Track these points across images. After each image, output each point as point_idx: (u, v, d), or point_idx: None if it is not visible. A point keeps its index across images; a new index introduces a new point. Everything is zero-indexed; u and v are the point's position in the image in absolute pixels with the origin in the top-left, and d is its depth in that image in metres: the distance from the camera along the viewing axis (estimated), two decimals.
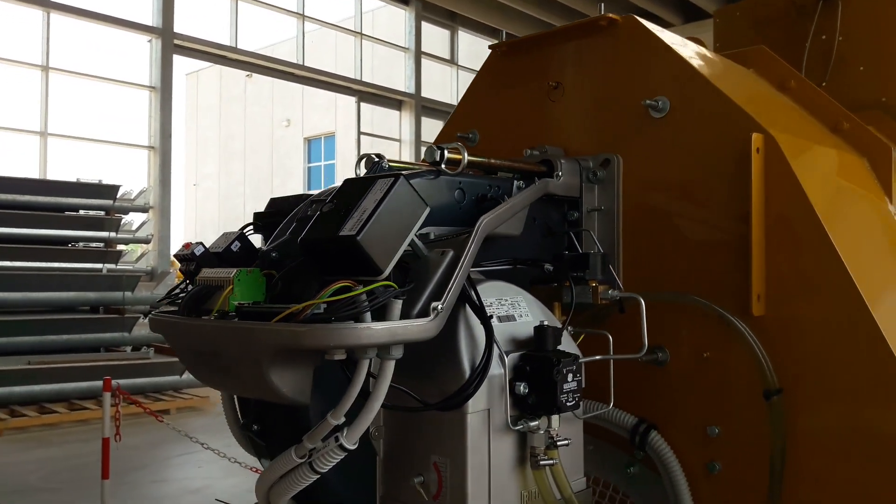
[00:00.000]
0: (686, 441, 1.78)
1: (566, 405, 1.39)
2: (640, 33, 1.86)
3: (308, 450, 1.28)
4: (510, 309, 1.50)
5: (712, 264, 1.75)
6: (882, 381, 1.53)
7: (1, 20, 12.63)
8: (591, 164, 1.88)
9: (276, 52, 16.69)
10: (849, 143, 2.16)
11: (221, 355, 1.28)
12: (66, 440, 7.47)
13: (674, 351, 1.80)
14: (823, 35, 3.40)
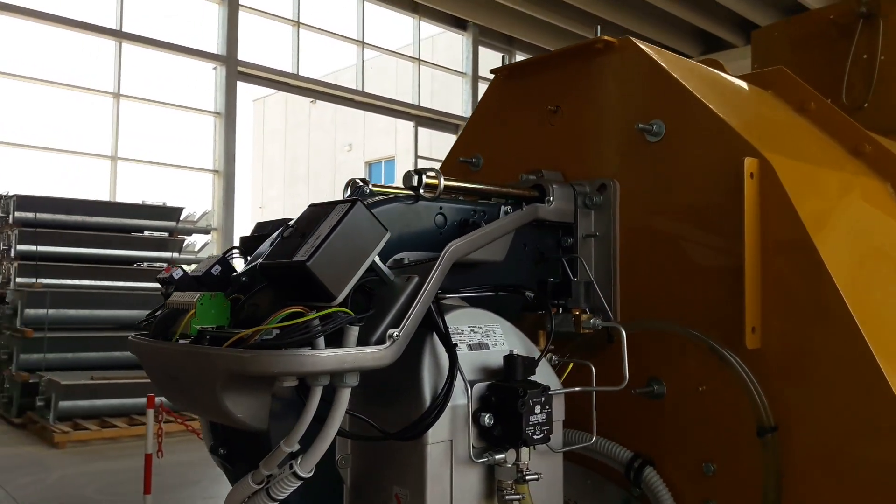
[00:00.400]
0: (681, 478, 1.71)
1: (533, 438, 1.34)
2: (635, 55, 1.82)
3: (265, 476, 1.28)
4: (483, 337, 1.47)
5: (710, 293, 1.68)
6: (880, 418, 1.44)
7: (76, 50, 13.29)
8: (588, 189, 1.84)
9: (339, 79, 17.06)
10: (871, 166, 2.05)
11: (181, 378, 1.30)
12: (123, 454, 7.69)
13: (670, 384, 1.73)
14: (864, 54, 3.28)
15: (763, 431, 1.55)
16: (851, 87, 3.29)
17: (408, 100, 17.25)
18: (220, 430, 1.49)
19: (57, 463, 7.02)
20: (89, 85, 13.43)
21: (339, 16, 16.89)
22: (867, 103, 3.25)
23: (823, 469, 1.52)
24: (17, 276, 9.27)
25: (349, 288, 1.22)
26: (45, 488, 6.41)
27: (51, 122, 13.14)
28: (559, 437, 1.50)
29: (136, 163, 13.81)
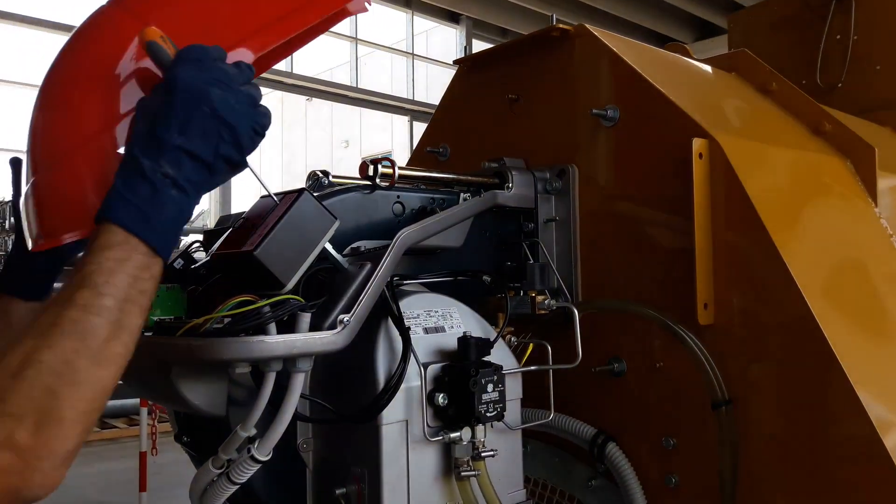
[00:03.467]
0: (643, 453, 1.74)
1: (486, 416, 1.38)
2: (590, 42, 1.85)
3: (224, 461, 1.31)
4: (440, 320, 1.50)
5: (668, 273, 1.72)
6: (827, 393, 1.47)
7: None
8: (548, 175, 1.88)
9: (334, 76, 17.09)
10: (832, 144, 2.08)
11: (141, 369, 1.33)
12: (123, 454, 7.78)
13: (629, 361, 1.77)
14: (838, 35, 3.30)
15: (717, 405, 1.59)
16: (826, 68, 3.32)
17: (403, 95, 17.28)
18: (184, 418, 1.53)
19: None
20: None
21: None
22: (841, 83, 3.28)
23: (776, 442, 1.56)
24: None
25: (298, 275, 1.25)
26: None
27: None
28: (516, 415, 1.54)
29: None
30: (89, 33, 1.17)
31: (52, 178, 1.08)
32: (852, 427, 1.46)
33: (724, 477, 1.59)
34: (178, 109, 1.00)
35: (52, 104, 1.12)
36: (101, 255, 0.96)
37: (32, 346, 0.91)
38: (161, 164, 0.99)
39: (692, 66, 2.17)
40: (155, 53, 1.03)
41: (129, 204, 0.97)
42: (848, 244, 1.84)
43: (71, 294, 0.94)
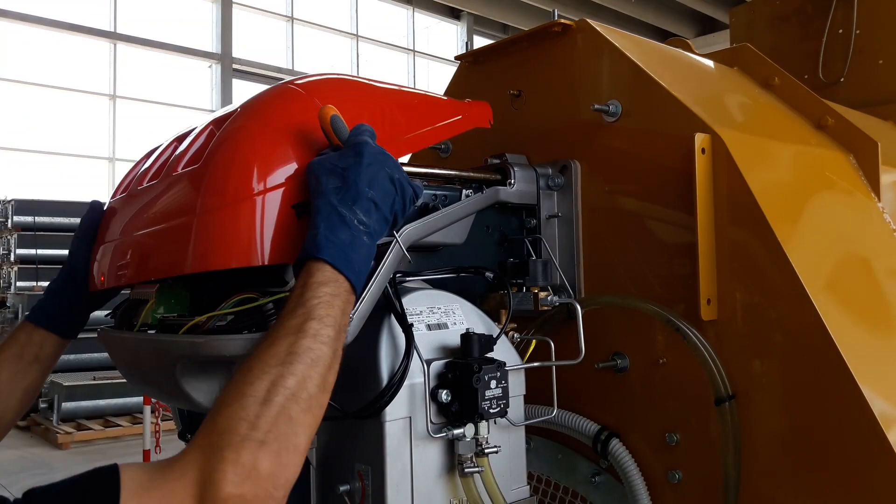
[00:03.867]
0: (647, 449, 1.74)
1: (489, 412, 1.38)
2: (591, 37, 1.84)
3: None
4: (443, 317, 1.50)
5: (672, 269, 1.71)
6: (830, 382, 1.47)
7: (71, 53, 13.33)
8: (550, 171, 1.87)
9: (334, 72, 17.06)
10: (834, 139, 2.08)
11: (143, 366, 1.34)
12: (127, 452, 7.80)
13: (632, 357, 1.77)
14: (840, 29, 3.30)
15: (720, 400, 1.58)
16: (828, 63, 3.31)
17: None
18: (188, 416, 1.53)
19: (61, 464, 7.12)
20: (85, 87, 13.48)
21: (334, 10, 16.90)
22: (844, 77, 3.27)
23: (779, 438, 1.56)
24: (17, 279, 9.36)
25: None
26: None
27: (47, 125, 13.19)
28: (520, 412, 1.54)
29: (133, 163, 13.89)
30: (278, 101, 1.35)
31: (236, 212, 1.18)
32: (855, 422, 1.46)
33: (728, 472, 1.59)
34: (367, 169, 1.16)
35: (239, 152, 1.23)
36: (320, 289, 1.07)
37: (278, 373, 0.97)
38: (356, 213, 1.13)
39: (694, 61, 2.16)
40: (337, 124, 1.21)
41: (335, 246, 1.10)
42: (851, 239, 1.84)
43: (301, 324, 1.03)
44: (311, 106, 1.31)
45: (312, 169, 1.18)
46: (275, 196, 1.19)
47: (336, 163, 1.17)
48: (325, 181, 1.15)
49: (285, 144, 1.24)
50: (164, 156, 1.42)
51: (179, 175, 1.29)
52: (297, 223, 1.21)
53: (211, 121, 1.36)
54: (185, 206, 1.23)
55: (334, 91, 1.43)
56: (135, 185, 1.44)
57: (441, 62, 17.35)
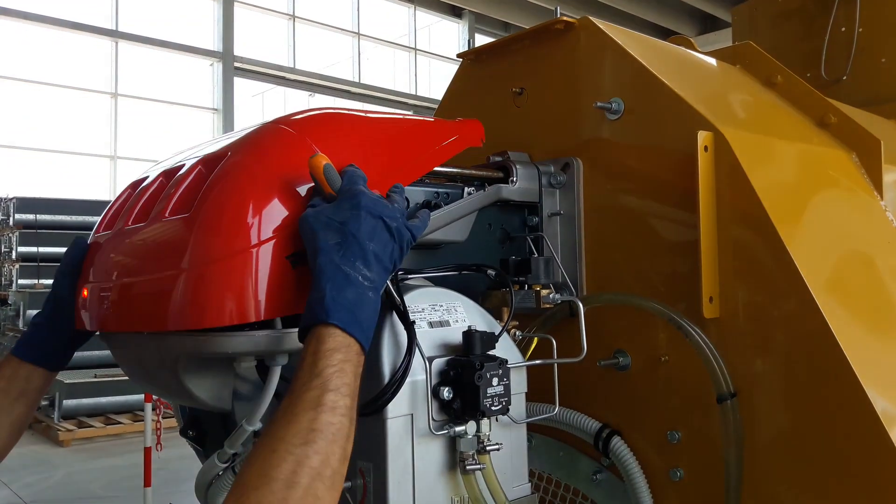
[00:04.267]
0: (649, 447, 1.74)
1: (491, 409, 1.38)
2: (594, 35, 1.84)
3: (230, 455, 1.32)
4: (444, 314, 1.50)
5: (674, 266, 1.71)
6: (832, 380, 1.47)
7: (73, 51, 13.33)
8: (552, 169, 1.87)
9: (337, 71, 17.07)
10: (836, 137, 2.08)
11: (146, 364, 1.34)
12: (128, 450, 7.81)
13: (634, 355, 1.77)
14: (843, 27, 3.29)
15: (722, 398, 1.58)
16: (831, 61, 3.31)
17: (405, 89, 17.25)
18: (189, 412, 1.54)
19: (62, 461, 7.12)
20: (87, 85, 13.48)
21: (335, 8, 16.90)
22: (846, 76, 3.27)
23: (782, 436, 1.56)
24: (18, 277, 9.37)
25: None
26: (50, 486, 6.51)
27: (49, 123, 13.20)
28: (521, 409, 1.54)
29: (134, 161, 13.89)
30: (270, 144, 1.31)
31: (229, 267, 1.15)
32: (857, 420, 1.45)
33: (730, 470, 1.59)
34: (365, 222, 1.14)
35: (231, 203, 1.20)
36: (333, 357, 1.05)
37: (302, 453, 0.97)
38: (360, 269, 1.12)
39: (697, 59, 2.16)
40: (329, 174, 1.19)
41: (343, 308, 1.08)
42: (853, 237, 1.83)
43: (318, 397, 1.02)
44: (304, 146, 1.28)
45: (308, 223, 1.15)
46: (269, 248, 1.16)
47: (333, 216, 1.14)
48: (323, 237, 1.13)
49: (279, 192, 1.21)
50: (150, 191, 1.38)
51: (168, 222, 1.25)
52: (292, 274, 1.18)
53: (200, 159, 1.32)
54: (174, 257, 1.18)
55: (326, 128, 1.39)
56: (121, 223, 1.39)
57: (442, 60, 17.34)
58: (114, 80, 13.58)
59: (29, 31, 12.72)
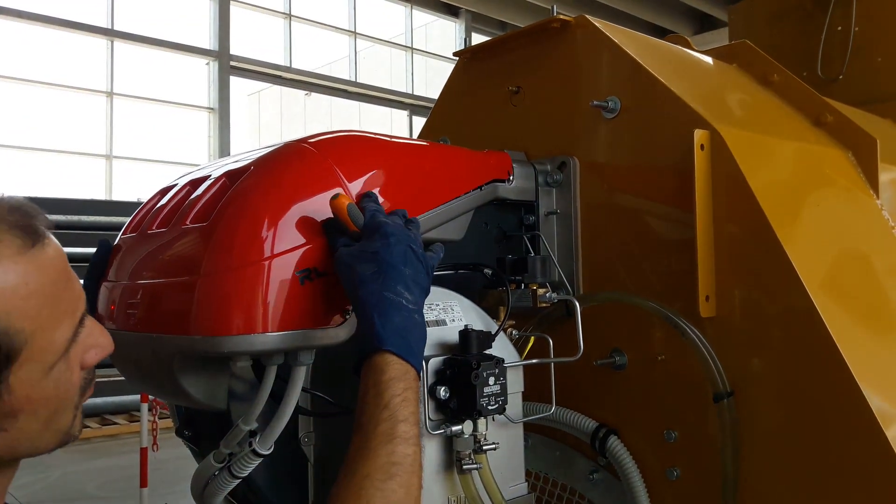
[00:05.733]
0: (645, 446, 1.74)
1: (487, 409, 1.38)
2: (591, 33, 1.84)
3: (226, 455, 1.31)
4: (441, 314, 1.50)
5: (671, 265, 1.71)
6: (829, 379, 1.47)
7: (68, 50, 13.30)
8: (549, 168, 1.87)
9: (333, 70, 17.04)
10: (833, 136, 2.08)
11: (141, 364, 1.33)
12: (124, 450, 7.79)
13: (631, 354, 1.76)
14: (839, 26, 3.29)
15: (719, 397, 1.58)
16: (827, 60, 3.31)
17: (402, 89, 17.24)
18: (185, 412, 1.53)
19: (58, 461, 7.10)
20: (82, 84, 13.44)
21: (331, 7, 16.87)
22: (842, 75, 3.27)
23: (778, 434, 1.56)
24: None
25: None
26: (46, 486, 6.49)
27: (44, 122, 13.16)
28: (518, 409, 1.54)
29: (131, 161, 13.85)
30: (291, 162, 1.34)
31: (241, 277, 1.17)
32: (854, 419, 1.45)
33: (726, 469, 1.59)
34: (396, 248, 1.17)
35: (248, 215, 1.22)
36: (396, 386, 1.08)
37: (388, 488, 1.00)
38: (401, 293, 1.14)
39: (693, 58, 2.16)
40: (353, 212, 1.22)
41: (395, 334, 1.11)
42: (850, 236, 1.83)
43: (391, 429, 1.05)
44: (325, 166, 1.32)
45: (343, 260, 1.19)
46: (282, 261, 1.19)
47: (364, 249, 1.18)
48: (360, 269, 1.16)
49: (295, 209, 1.24)
50: (176, 200, 1.41)
51: (187, 229, 1.29)
52: (302, 290, 1.21)
53: (225, 172, 1.36)
54: (187, 264, 1.22)
55: (348, 150, 1.42)
56: (146, 227, 1.43)
57: (439, 59, 17.33)
58: (109, 79, 13.54)
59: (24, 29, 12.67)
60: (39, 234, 0.85)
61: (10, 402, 0.82)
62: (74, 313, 0.89)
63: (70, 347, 0.88)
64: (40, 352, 0.84)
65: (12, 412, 0.83)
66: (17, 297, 0.80)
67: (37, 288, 0.82)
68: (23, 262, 0.82)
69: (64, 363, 0.87)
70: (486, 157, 1.76)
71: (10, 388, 0.82)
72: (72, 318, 0.88)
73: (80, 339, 0.90)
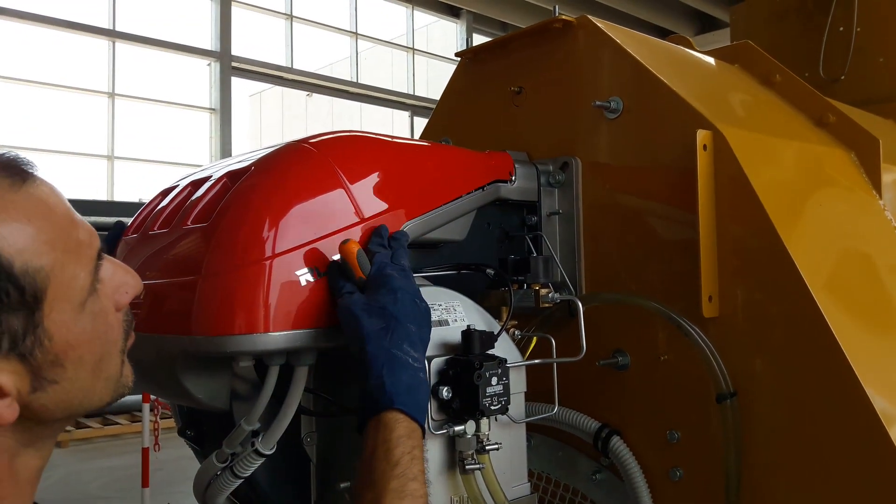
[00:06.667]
0: (648, 446, 1.74)
1: (490, 409, 1.37)
2: (593, 34, 1.84)
3: (228, 455, 1.31)
4: (443, 314, 1.49)
5: (673, 266, 1.71)
6: (832, 379, 1.47)
7: (70, 51, 13.31)
8: (551, 168, 1.87)
9: (334, 71, 17.04)
10: (835, 136, 2.07)
11: (143, 363, 1.33)
12: (126, 450, 7.80)
13: (634, 355, 1.76)
14: (841, 27, 3.29)
15: (722, 398, 1.58)
16: (829, 60, 3.30)
17: (403, 90, 17.23)
18: (187, 412, 1.53)
19: (60, 461, 7.10)
20: (84, 85, 13.45)
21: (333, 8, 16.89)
22: (844, 75, 3.27)
23: (781, 435, 1.56)
24: None
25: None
26: (48, 487, 6.49)
27: (46, 123, 13.16)
28: (520, 409, 1.54)
29: (132, 161, 13.86)
30: (292, 162, 1.34)
31: (241, 277, 1.18)
32: (857, 419, 1.45)
33: (729, 470, 1.59)
34: (402, 304, 1.19)
35: (248, 216, 1.23)
36: (405, 443, 1.11)
37: None
38: (408, 351, 1.17)
39: (695, 58, 2.16)
40: (361, 259, 1.23)
41: (404, 392, 1.14)
42: (852, 236, 1.83)
43: (402, 486, 1.07)
44: (326, 166, 1.32)
45: (350, 311, 1.19)
46: (283, 261, 1.20)
47: (372, 302, 1.19)
48: (367, 324, 1.17)
49: (296, 209, 1.25)
50: (178, 200, 1.42)
51: (188, 230, 1.29)
52: (304, 289, 1.22)
53: (226, 172, 1.36)
54: (189, 264, 1.22)
55: (349, 150, 1.42)
56: (147, 228, 1.43)
57: (440, 60, 17.33)
58: (111, 79, 13.55)
59: (25, 30, 12.68)
60: (28, 174, 0.83)
61: (51, 348, 0.80)
62: (90, 247, 0.86)
63: (96, 284, 0.86)
64: (65, 289, 0.81)
65: (57, 360, 0.81)
66: (25, 235, 0.78)
67: (42, 224, 0.80)
68: (19, 199, 0.79)
69: (95, 302, 0.85)
70: (488, 157, 1.76)
71: (48, 332, 0.80)
72: (88, 252, 0.85)
73: (106, 278, 0.88)
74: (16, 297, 0.76)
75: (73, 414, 0.89)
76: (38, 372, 0.80)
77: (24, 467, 0.85)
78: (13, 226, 0.77)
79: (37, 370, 0.80)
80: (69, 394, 0.84)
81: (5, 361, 0.77)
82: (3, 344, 0.76)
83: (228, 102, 14.50)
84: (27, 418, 0.80)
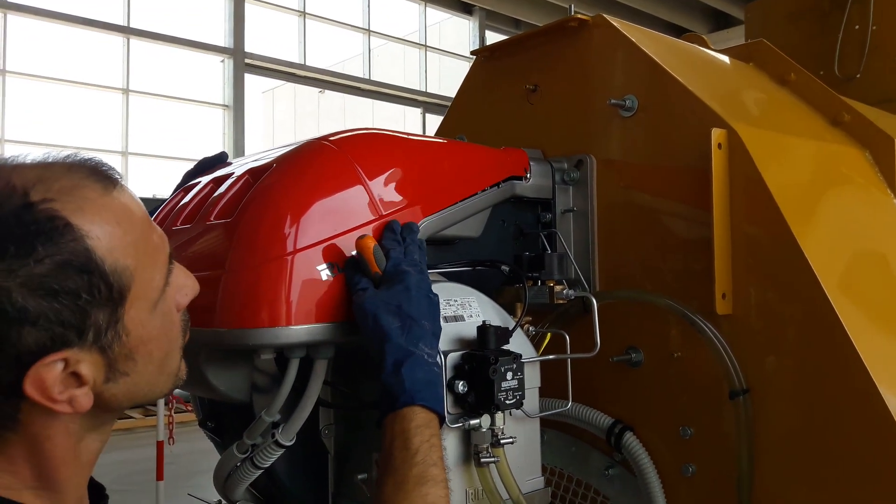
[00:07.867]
0: (661, 443, 1.75)
1: (505, 403, 1.39)
2: (608, 32, 1.85)
3: (249, 446, 1.34)
4: (459, 309, 1.51)
5: (685, 263, 1.72)
6: (845, 378, 1.48)
7: (85, 47, 13.40)
8: (566, 166, 1.88)
9: (347, 68, 17.07)
10: (850, 135, 2.08)
11: None
12: (139, 444, 7.86)
13: (647, 351, 1.78)
14: (856, 25, 3.28)
15: (734, 395, 1.59)
16: (844, 58, 3.29)
17: (415, 87, 17.25)
18: (208, 404, 1.56)
19: None
20: (99, 81, 13.56)
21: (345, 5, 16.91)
22: (860, 74, 3.26)
23: (793, 432, 1.57)
24: None
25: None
26: None
27: (61, 119, 13.27)
28: (535, 404, 1.55)
29: (146, 157, 13.96)
30: (313, 159, 1.37)
31: (264, 272, 1.22)
32: (870, 417, 1.46)
33: (741, 466, 1.60)
34: (416, 302, 1.24)
35: (270, 212, 1.27)
36: (424, 432, 1.17)
37: None
38: (423, 348, 1.22)
39: (710, 57, 2.17)
40: (378, 255, 1.27)
41: (423, 388, 1.19)
42: (867, 235, 1.84)
43: (423, 472, 1.13)
44: (346, 163, 1.35)
45: (366, 309, 1.23)
46: (305, 256, 1.23)
47: (388, 300, 1.23)
48: (385, 322, 1.21)
49: (316, 205, 1.28)
50: (200, 196, 1.45)
51: (211, 225, 1.32)
52: (325, 284, 1.25)
53: (248, 169, 1.39)
54: (212, 259, 1.25)
55: (368, 148, 1.45)
56: (169, 223, 1.46)
57: (453, 57, 17.33)
58: (125, 76, 13.64)
59: (41, 27, 12.79)
60: (116, 180, 0.88)
61: (127, 343, 0.86)
62: (164, 251, 0.92)
63: (165, 287, 0.91)
64: (144, 289, 0.86)
65: (131, 354, 0.87)
66: (114, 236, 0.83)
67: (127, 226, 0.85)
68: (109, 203, 0.84)
69: (164, 303, 0.91)
70: (504, 154, 1.77)
71: (126, 328, 0.85)
72: (163, 256, 0.91)
73: (172, 280, 0.93)
74: (105, 292, 0.81)
75: (136, 404, 0.96)
76: (114, 364, 0.85)
77: (86, 450, 0.90)
78: (105, 228, 0.82)
79: (112, 362, 0.85)
80: (137, 385, 0.89)
81: (88, 353, 0.82)
82: (89, 336, 0.81)
83: (241, 99, 14.57)
84: (96, 406, 0.85)
